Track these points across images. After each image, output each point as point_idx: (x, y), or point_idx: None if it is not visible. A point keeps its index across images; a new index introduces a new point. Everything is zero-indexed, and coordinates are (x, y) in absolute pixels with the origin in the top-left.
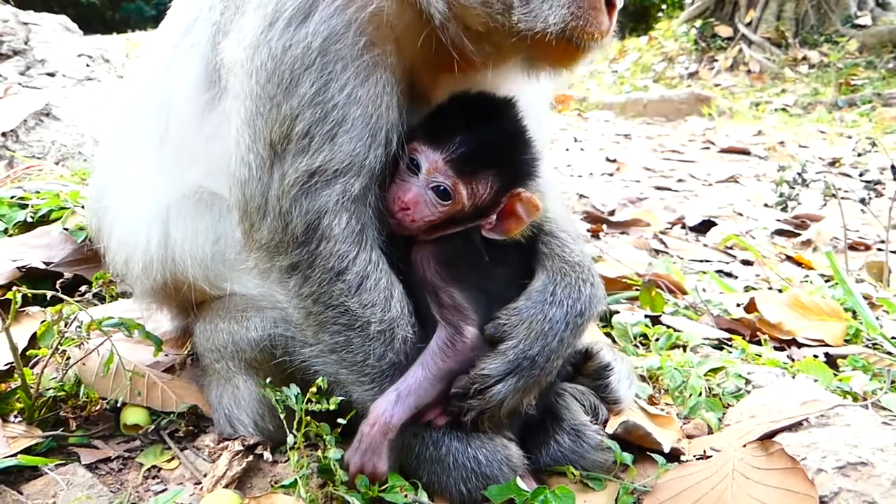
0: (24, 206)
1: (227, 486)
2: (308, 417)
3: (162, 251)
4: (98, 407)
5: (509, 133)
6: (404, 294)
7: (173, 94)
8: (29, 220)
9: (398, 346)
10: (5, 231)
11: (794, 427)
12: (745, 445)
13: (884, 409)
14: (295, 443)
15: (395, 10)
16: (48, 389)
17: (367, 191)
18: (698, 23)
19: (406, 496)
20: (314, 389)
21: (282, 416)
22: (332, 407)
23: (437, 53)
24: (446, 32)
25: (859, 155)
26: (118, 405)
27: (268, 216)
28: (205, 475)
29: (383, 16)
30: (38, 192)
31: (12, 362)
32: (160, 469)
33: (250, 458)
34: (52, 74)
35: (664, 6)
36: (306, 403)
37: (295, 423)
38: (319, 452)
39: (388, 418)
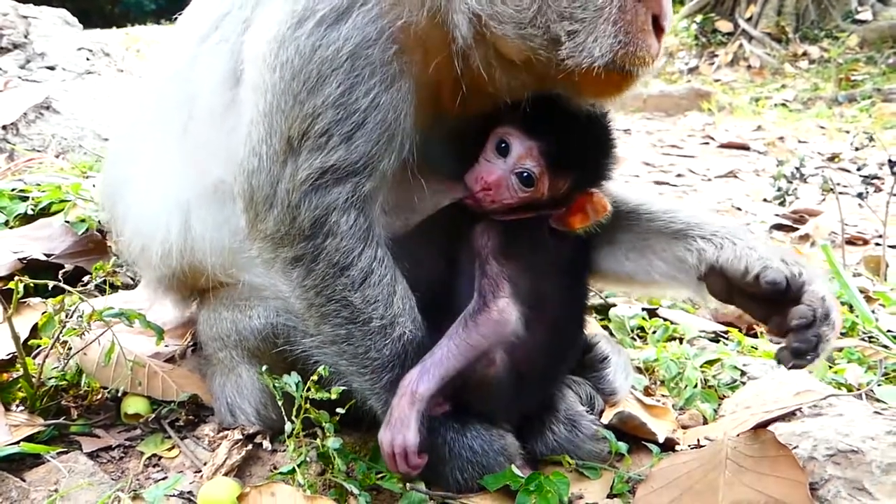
0: (24, 199)
1: (226, 474)
2: (307, 405)
3: (181, 241)
4: (99, 396)
5: (600, 137)
6: (408, 290)
7: (199, 86)
8: (30, 212)
9: (399, 340)
10: (6, 223)
11: (788, 417)
12: (738, 435)
13: (878, 400)
14: (293, 430)
15: (424, 26)
16: (50, 379)
17: (377, 190)
18: (698, 18)
19: (402, 487)
20: (314, 378)
21: (280, 403)
22: (333, 396)
23: (461, 75)
24: (470, 58)
25: (857, 149)
26: (119, 395)
27: (275, 208)
28: (205, 463)
29: (414, 29)
30: (38, 185)
31: (14, 352)
32: (161, 457)
33: (250, 446)
34: (51, 68)
35: None
36: (306, 391)
37: (294, 410)
38: (318, 440)
39: (413, 388)
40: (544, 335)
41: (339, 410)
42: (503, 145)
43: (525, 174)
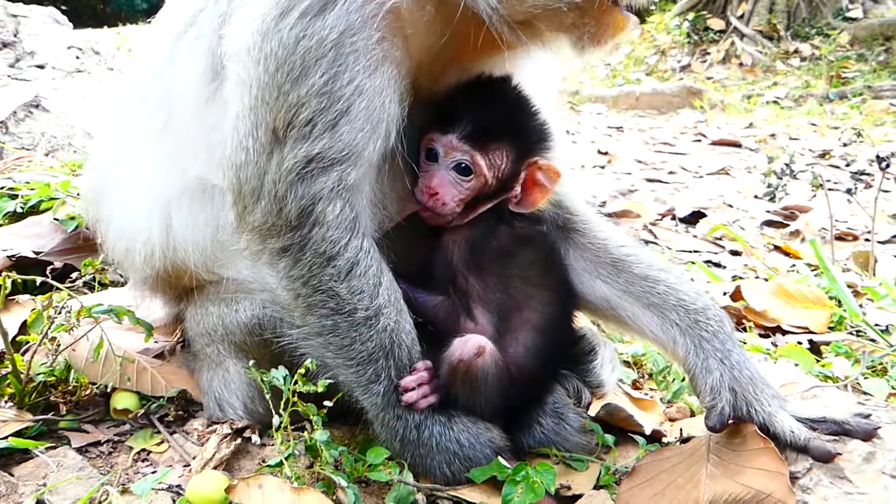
0: (14, 197)
1: (215, 468)
2: (295, 398)
3: (163, 241)
4: (88, 392)
5: (513, 102)
6: (394, 282)
7: (177, 85)
8: (19, 210)
9: (383, 332)
10: None
11: None
12: None
13: (864, 392)
14: (281, 423)
15: (411, 7)
16: (38, 375)
17: (363, 181)
18: (691, 16)
19: (390, 473)
20: (302, 371)
21: (268, 396)
22: (320, 389)
23: (447, 47)
24: (493, 24)
25: (845, 145)
26: (108, 390)
27: (262, 199)
28: (194, 458)
29: (400, 11)
30: (27, 183)
31: (3, 348)
32: (150, 452)
33: (238, 440)
34: (41, 66)
35: None
36: (293, 385)
37: (282, 403)
38: (306, 433)
39: None
40: (530, 338)
41: (327, 403)
42: (432, 152)
43: (461, 164)
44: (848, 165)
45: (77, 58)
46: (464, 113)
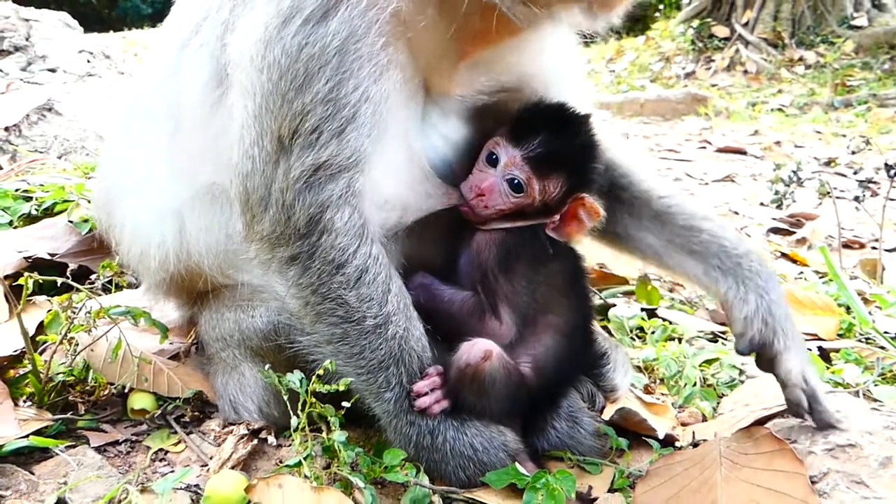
0: (28, 199)
1: (232, 468)
2: (313, 399)
3: (177, 245)
4: (106, 392)
5: (583, 142)
6: (403, 288)
7: (183, 93)
8: (34, 212)
9: (393, 339)
10: (11, 223)
11: (785, 413)
12: (734, 433)
13: (875, 399)
14: (299, 424)
15: (413, 9)
16: (58, 374)
17: (372, 187)
18: (695, 23)
19: (406, 474)
20: (320, 373)
21: (286, 398)
22: (341, 388)
23: (453, 44)
24: (504, 10)
25: (853, 153)
26: (125, 390)
27: (270, 208)
28: (210, 458)
29: (401, 15)
30: (42, 186)
31: (23, 348)
32: (167, 452)
33: (255, 441)
34: (53, 70)
35: (661, 6)
36: (310, 385)
37: (299, 405)
38: (323, 434)
39: None
40: (553, 340)
41: (345, 404)
42: (493, 157)
43: (515, 181)
44: (855, 174)
45: (88, 61)
46: (536, 136)
